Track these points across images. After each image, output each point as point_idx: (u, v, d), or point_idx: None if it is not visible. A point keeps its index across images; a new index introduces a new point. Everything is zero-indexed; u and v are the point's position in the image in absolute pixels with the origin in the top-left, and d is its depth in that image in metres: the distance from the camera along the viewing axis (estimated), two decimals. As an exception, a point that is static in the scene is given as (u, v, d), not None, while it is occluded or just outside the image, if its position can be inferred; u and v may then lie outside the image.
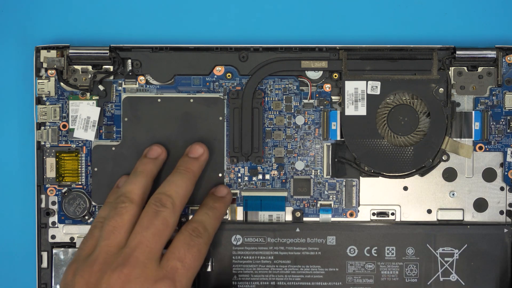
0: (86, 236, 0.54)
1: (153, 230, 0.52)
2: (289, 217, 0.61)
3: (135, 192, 0.54)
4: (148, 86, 0.60)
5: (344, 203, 0.61)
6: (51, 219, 0.60)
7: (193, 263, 0.52)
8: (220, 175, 0.60)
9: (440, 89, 0.59)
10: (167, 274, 0.51)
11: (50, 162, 0.60)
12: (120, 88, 0.60)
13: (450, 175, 0.60)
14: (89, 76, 0.60)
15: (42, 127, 0.60)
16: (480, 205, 0.60)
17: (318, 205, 0.61)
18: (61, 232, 0.60)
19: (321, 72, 0.60)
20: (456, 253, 0.59)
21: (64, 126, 0.60)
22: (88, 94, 0.60)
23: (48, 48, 0.60)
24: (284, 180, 0.61)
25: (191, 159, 0.57)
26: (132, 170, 0.57)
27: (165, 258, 0.52)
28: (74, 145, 0.60)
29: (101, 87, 0.60)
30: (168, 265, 0.51)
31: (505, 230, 0.59)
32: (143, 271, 0.50)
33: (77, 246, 0.60)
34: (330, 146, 0.60)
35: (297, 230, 0.59)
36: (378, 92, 0.59)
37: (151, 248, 0.51)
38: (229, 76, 0.60)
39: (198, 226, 0.54)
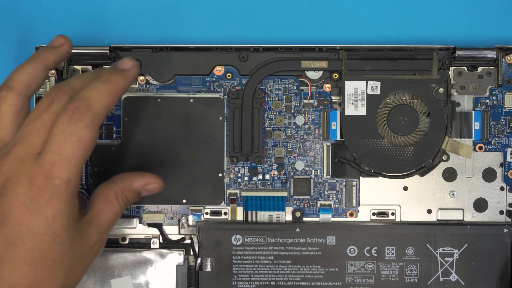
0: None
1: (39, 123, 0.46)
2: (289, 217, 0.61)
3: (17, 79, 0.48)
4: (148, 86, 0.60)
5: (344, 203, 0.61)
6: (51, 219, 0.60)
7: (72, 154, 0.45)
8: (220, 175, 0.60)
9: (440, 89, 0.59)
10: (43, 169, 0.44)
11: (50, 162, 0.60)
12: (120, 88, 0.60)
13: (450, 175, 0.60)
14: (89, 76, 0.60)
15: (42, 127, 0.60)
16: (480, 205, 0.60)
17: (318, 205, 0.61)
18: (61, 232, 0.60)
19: (321, 72, 0.60)
20: (456, 253, 0.59)
21: (64, 126, 0.60)
22: (88, 94, 0.60)
23: (48, 48, 0.59)
24: (284, 180, 0.61)
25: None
26: None
27: (43, 150, 0.45)
28: (74, 145, 0.60)
29: (101, 87, 0.60)
30: (44, 160, 0.45)
31: (505, 230, 0.59)
32: (20, 167, 0.45)
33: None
34: (330, 146, 0.60)
35: (297, 230, 0.59)
36: (378, 92, 0.59)
37: (32, 142, 0.45)
38: (229, 76, 0.60)
39: (80, 104, 0.45)
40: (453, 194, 0.60)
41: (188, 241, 0.60)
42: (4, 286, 0.44)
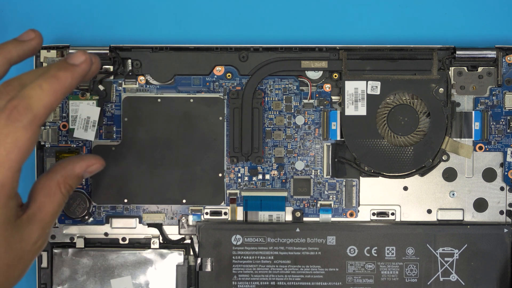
0: None
1: None
2: (289, 217, 0.61)
3: None
4: (148, 86, 0.60)
5: (344, 203, 0.61)
6: (51, 219, 0.60)
7: (7, 156, 0.41)
8: (220, 175, 0.60)
9: (440, 89, 0.59)
10: None
11: (50, 162, 0.60)
12: (120, 88, 0.60)
13: (450, 175, 0.60)
14: (89, 76, 0.60)
15: (42, 127, 0.60)
16: (480, 205, 0.60)
17: (318, 205, 0.61)
18: (61, 232, 0.60)
19: (321, 72, 0.60)
20: (456, 253, 0.59)
21: (64, 126, 0.60)
22: (88, 94, 0.60)
23: (48, 48, 0.59)
24: (284, 180, 0.61)
25: None
26: None
27: None
28: (74, 145, 0.60)
29: (101, 87, 0.60)
30: None
31: (505, 230, 0.59)
32: None
33: (77, 247, 0.60)
34: (330, 146, 0.60)
35: (297, 230, 0.59)
36: (378, 92, 0.59)
37: None
38: (229, 76, 0.60)
39: (19, 104, 0.41)
40: (453, 194, 0.60)
41: (188, 241, 0.60)
42: None
